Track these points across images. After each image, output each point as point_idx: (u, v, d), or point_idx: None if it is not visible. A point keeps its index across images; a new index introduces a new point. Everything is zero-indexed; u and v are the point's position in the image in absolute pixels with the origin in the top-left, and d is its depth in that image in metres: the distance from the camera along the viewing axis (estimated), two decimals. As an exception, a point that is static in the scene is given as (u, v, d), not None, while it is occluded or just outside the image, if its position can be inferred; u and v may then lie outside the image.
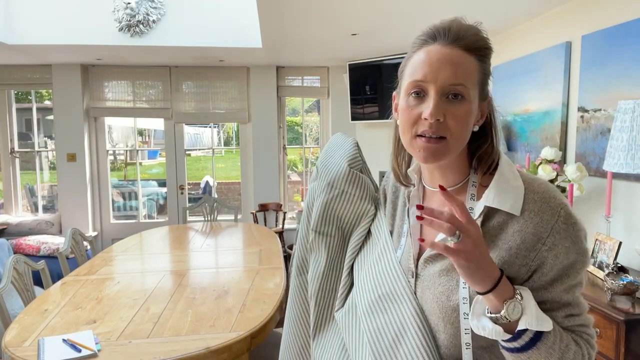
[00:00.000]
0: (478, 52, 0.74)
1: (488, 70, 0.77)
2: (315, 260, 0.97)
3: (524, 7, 2.71)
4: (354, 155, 0.99)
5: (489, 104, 0.79)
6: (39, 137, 5.17)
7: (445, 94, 0.72)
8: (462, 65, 0.72)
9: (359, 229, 0.95)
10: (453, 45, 0.73)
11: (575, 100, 2.50)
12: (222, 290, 2.24)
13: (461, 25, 0.75)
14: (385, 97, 4.27)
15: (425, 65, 0.73)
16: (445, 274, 0.76)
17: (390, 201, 0.97)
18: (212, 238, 3.45)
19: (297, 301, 1.02)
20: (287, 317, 1.05)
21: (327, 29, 3.27)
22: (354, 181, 0.95)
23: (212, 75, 4.79)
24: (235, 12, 3.81)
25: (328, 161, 1.00)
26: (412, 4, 2.65)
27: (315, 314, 0.95)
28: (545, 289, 0.71)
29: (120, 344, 1.68)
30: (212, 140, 6.10)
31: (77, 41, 3.75)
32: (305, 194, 1.06)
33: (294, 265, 1.03)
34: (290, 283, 1.04)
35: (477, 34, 0.75)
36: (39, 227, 4.49)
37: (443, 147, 0.73)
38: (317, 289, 0.95)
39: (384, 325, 0.79)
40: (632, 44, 2.10)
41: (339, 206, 0.95)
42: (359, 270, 0.91)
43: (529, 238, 0.70)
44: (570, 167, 2.29)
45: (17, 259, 2.30)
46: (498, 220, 0.73)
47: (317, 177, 1.01)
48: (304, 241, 1.01)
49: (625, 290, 1.74)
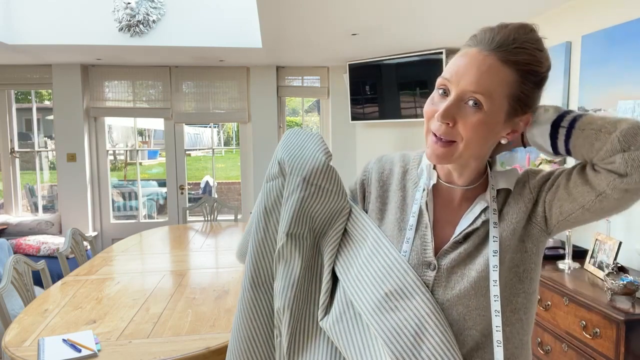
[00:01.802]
0: (517, 65, 0.71)
1: (529, 87, 0.73)
2: (286, 269, 0.85)
3: (524, 7, 2.71)
4: (326, 149, 0.90)
5: (528, 120, 0.77)
6: (39, 137, 5.17)
7: (464, 99, 0.72)
8: (490, 75, 0.71)
9: (334, 228, 0.88)
10: (491, 52, 0.71)
11: (575, 100, 2.50)
12: (222, 290, 2.24)
13: (511, 33, 0.72)
14: (386, 97, 4.27)
15: (455, 67, 0.74)
16: (472, 254, 0.80)
17: (377, 195, 0.92)
18: (212, 238, 3.45)
19: (252, 318, 0.88)
20: (235, 335, 0.90)
21: (327, 29, 3.27)
22: (330, 176, 0.86)
23: (212, 75, 4.79)
24: (235, 12, 3.81)
25: (297, 155, 0.88)
26: (412, 4, 2.65)
27: (291, 329, 0.84)
28: (557, 186, 0.79)
29: (120, 344, 1.68)
30: (212, 140, 6.11)
31: (77, 41, 3.75)
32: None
33: (246, 277, 0.90)
34: (240, 300, 0.91)
35: (524, 47, 0.72)
36: (39, 227, 4.48)
37: (450, 151, 0.74)
38: (291, 299, 0.83)
39: (400, 324, 0.75)
40: (632, 44, 2.10)
41: (314, 204, 0.86)
42: (346, 272, 0.85)
43: (520, 191, 0.82)
44: (570, 167, 2.29)
45: (17, 259, 2.30)
46: (502, 197, 0.83)
47: (280, 174, 0.90)
48: (261, 248, 0.89)
49: (625, 290, 1.74)
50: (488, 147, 0.79)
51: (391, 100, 4.23)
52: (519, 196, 0.81)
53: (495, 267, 0.76)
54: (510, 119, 0.75)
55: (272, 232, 0.90)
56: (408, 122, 4.12)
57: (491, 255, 0.77)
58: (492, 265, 0.76)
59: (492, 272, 0.76)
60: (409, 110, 4.07)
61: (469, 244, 0.80)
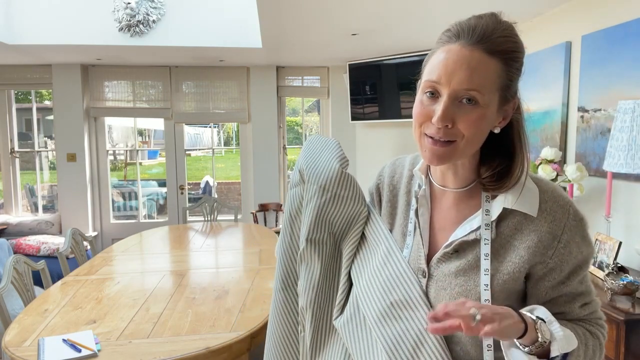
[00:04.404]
0: (503, 54, 0.70)
1: (514, 74, 0.73)
2: (307, 271, 0.90)
3: (524, 7, 2.71)
4: (342, 155, 0.94)
5: (515, 106, 0.76)
6: (39, 137, 5.17)
7: (458, 98, 0.70)
8: (481, 69, 0.69)
9: (353, 232, 0.90)
10: (475, 46, 0.69)
11: (575, 100, 2.50)
12: (222, 290, 2.24)
13: (489, 24, 0.71)
14: (386, 97, 4.27)
15: (441, 66, 0.71)
16: (462, 274, 0.75)
17: (387, 200, 0.93)
18: (212, 238, 3.45)
19: (284, 318, 0.95)
20: (271, 334, 0.97)
21: (327, 29, 3.27)
22: (346, 182, 0.90)
23: (212, 75, 4.79)
24: (235, 12, 3.81)
25: (314, 163, 0.93)
26: (412, 3, 2.65)
27: (313, 327, 0.89)
28: (563, 283, 0.75)
29: (120, 344, 1.68)
30: (212, 140, 6.11)
31: (77, 41, 3.75)
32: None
33: (277, 279, 0.96)
34: (273, 300, 0.97)
35: (505, 35, 0.71)
36: (39, 227, 4.48)
37: (450, 151, 0.73)
38: (313, 299, 0.89)
39: (401, 334, 0.76)
40: (632, 44, 2.10)
41: (332, 210, 0.89)
42: (359, 275, 0.87)
43: (545, 237, 0.73)
44: (570, 167, 2.29)
45: (17, 259, 2.30)
46: (513, 220, 0.75)
47: (301, 181, 0.94)
48: (288, 252, 0.95)
49: (625, 290, 1.74)
50: (482, 140, 0.76)
51: (391, 100, 4.23)
52: (537, 233, 0.73)
53: (487, 271, 0.74)
54: (502, 107, 0.74)
55: (296, 236, 0.95)
56: (408, 122, 4.11)
57: (482, 290, 0.73)
58: (484, 300, 0.73)
59: (484, 276, 0.74)
60: (409, 110, 4.05)
61: (461, 260, 0.76)
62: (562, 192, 0.76)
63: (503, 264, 0.74)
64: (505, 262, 0.74)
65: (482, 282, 0.73)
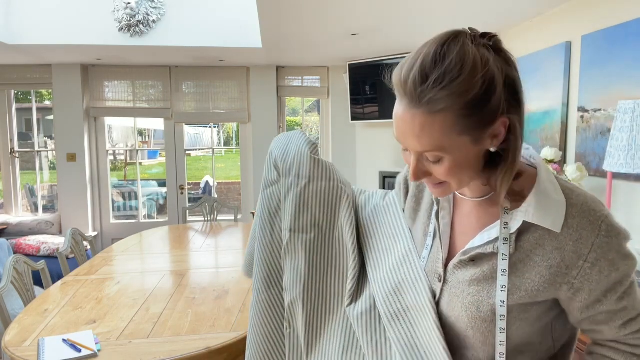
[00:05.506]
0: (446, 110, 0.62)
1: (474, 109, 0.63)
2: (293, 262, 0.90)
3: (524, 7, 2.71)
4: (308, 140, 0.95)
5: (506, 124, 0.66)
6: (39, 137, 5.18)
7: (423, 157, 0.68)
8: (427, 133, 0.64)
9: (344, 211, 0.90)
10: (415, 109, 0.64)
11: (575, 100, 2.50)
12: (222, 290, 2.24)
13: (429, 72, 0.62)
14: (386, 97, 4.27)
15: (396, 128, 0.69)
16: (476, 284, 0.73)
17: (413, 194, 0.91)
18: (212, 238, 3.45)
19: (268, 318, 0.93)
20: (253, 339, 0.94)
21: (327, 29, 3.27)
22: (318, 164, 0.92)
23: (212, 75, 4.79)
24: (235, 12, 3.81)
25: (285, 156, 0.94)
26: (412, 3, 2.65)
27: (305, 318, 0.88)
28: (599, 302, 0.69)
29: (120, 344, 1.68)
30: (212, 140, 6.11)
31: (77, 41, 3.75)
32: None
33: (258, 280, 0.94)
34: (254, 303, 0.95)
35: (450, 85, 0.61)
36: (39, 227, 4.48)
37: (447, 188, 0.72)
38: (302, 290, 0.88)
39: (416, 339, 0.77)
40: (632, 44, 2.10)
41: (309, 194, 0.91)
42: (375, 270, 0.87)
43: (569, 256, 0.67)
44: (570, 167, 2.29)
45: (17, 259, 2.30)
46: (534, 235, 0.69)
47: (278, 178, 0.95)
48: (269, 250, 0.94)
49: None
50: (476, 169, 0.70)
51: (391, 100, 4.18)
52: (561, 252, 0.68)
53: (503, 317, 0.70)
54: (481, 136, 0.65)
55: (278, 232, 0.95)
56: (408, 122, 4.11)
57: (499, 306, 0.71)
58: (499, 315, 0.70)
59: (499, 320, 0.71)
60: (409, 110, 4.06)
61: (477, 269, 0.74)
62: (596, 206, 0.69)
63: (522, 280, 0.70)
64: (525, 279, 0.70)
65: (499, 298, 0.70)
